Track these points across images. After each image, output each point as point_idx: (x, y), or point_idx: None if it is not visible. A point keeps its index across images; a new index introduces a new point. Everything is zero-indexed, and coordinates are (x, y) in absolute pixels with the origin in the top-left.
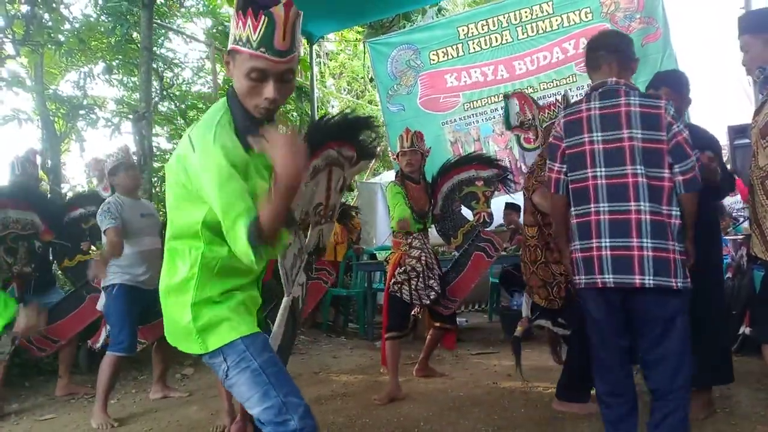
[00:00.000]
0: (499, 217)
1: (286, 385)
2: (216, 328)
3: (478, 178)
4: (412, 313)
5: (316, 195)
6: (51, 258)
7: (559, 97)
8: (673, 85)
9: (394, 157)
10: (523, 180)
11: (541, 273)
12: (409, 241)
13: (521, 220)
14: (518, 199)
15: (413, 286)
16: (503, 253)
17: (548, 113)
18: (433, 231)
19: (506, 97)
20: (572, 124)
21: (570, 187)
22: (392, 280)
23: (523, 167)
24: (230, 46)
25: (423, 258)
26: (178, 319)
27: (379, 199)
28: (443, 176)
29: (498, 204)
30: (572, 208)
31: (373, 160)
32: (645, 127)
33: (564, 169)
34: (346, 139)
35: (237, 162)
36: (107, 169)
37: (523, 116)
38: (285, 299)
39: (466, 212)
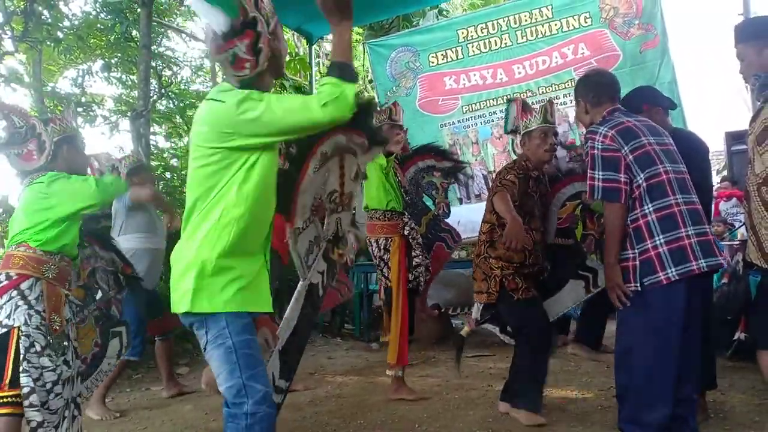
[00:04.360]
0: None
1: (252, 369)
2: (208, 293)
3: (435, 168)
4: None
5: (329, 182)
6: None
7: (546, 103)
8: (653, 101)
9: None
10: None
11: (482, 266)
12: (406, 221)
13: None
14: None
15: (422, 276)
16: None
17: (524, 121)
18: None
19: (509, 101)
20: (625, 132)
21: (645, 184)
22: (408, 272)
23: None
24: None
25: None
26: (181, 275)
27: None
28: (406, 161)
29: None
30: (648, 205)
31: (385, 146)
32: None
33: (628, 179)
34: (353, 125)
35: None
36: (126, 168)
37: (518, 122)
38: (301, 284)
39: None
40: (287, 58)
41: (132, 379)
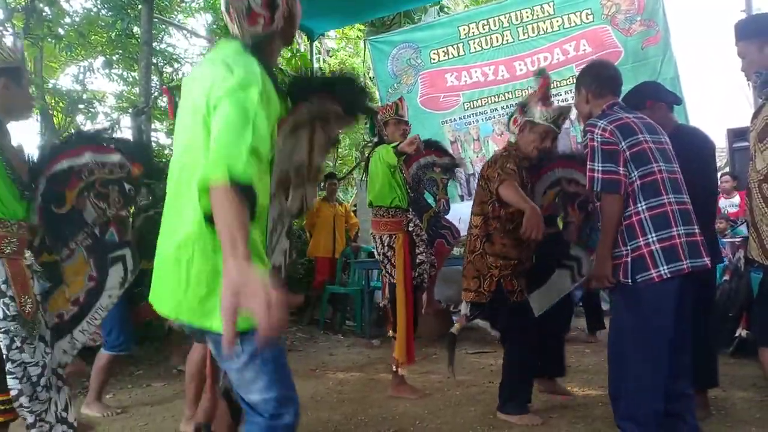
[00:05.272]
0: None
1: (288, 379)
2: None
3: (435, 164)
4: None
5: (296, 153)
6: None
7: (565, 106)
8: (656, 96)
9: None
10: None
11: (477, 263)
12: (410, 218)
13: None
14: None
15: (426, 273)
16: None
17: (538, 110)
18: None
19: (538, 73)
20: (624, 128)
21: (638, 182)
22: (410, 268)
23: None
24: None
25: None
26: (200, 287)
27: None
28: (408, 158)
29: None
30: (641, 203)
31: (362, 117)
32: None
33: (626, 173)
34: (330, 93)
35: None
36: None
37: (530, 100)
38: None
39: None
40: (288, 54)
41: (133, 376)
